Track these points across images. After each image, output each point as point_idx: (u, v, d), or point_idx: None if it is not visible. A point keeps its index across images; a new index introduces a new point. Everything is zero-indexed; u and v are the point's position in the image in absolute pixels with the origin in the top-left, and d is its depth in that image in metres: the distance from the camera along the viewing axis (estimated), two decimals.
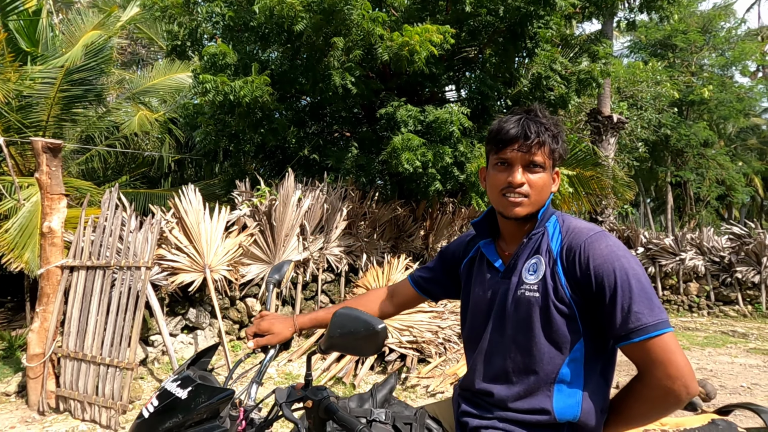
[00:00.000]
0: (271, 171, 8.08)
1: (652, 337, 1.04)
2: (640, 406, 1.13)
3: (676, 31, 18.25)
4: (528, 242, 1.23)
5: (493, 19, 6.00)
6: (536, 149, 1.18)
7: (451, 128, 5.73)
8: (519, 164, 1.19)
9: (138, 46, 14.56)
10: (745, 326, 8.44)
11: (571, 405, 1.15)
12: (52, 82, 6.38)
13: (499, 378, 1.22)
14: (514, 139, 1.18)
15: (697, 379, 3.98)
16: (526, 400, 1.17)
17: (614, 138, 11.52)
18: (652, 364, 1.06)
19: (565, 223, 1.22)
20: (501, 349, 1.23)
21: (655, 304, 1.07)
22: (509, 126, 1.19)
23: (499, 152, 1.22)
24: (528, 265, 1.21)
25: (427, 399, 4.30)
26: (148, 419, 1.16)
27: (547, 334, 1.15)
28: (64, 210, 3.98)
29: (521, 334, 1.18)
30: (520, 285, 1.20)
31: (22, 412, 3.88)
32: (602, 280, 1.09)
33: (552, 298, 1.14)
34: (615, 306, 1.07)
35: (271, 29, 5.97)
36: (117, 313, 3.82)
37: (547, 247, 1.20)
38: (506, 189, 1.20)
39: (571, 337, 1.14)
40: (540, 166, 1.20)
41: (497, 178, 1.22)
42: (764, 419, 1.30)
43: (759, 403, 1.43)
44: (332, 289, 6.51)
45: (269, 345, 1.42)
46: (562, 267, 1.15)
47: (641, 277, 1.09)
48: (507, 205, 1.21)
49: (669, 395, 1.06)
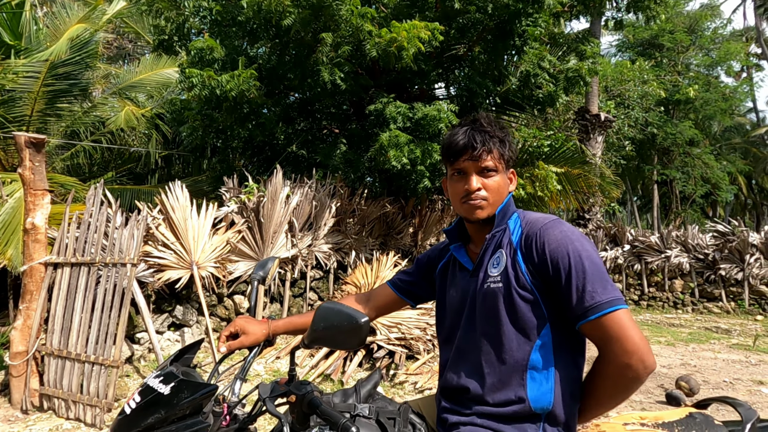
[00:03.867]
0: (260, 167, 8.04)
1: (606, 313, 1.09)
2: (604, 386, 1.17)
3: (663, 30, 18.46)
4: (491, 239, 1.30)
5: (482, 16, 6.02)
6: (486, 155, 1.26)
7: (440, 125, 5.75)
8: (472, 172, 1.28)
9: (125, 40, 14.38)
10: (728, 322, 8.58)
11: (544, 392, 1.18)
12: (36, 77, 6.28)
13: (474, 373, 1.25)
14: (463, 149, 1.27)
15: (680, 375, 4.01)
16: (501, 392, 1.20)
17: (602, 136, 11.64)
18: (609, 340, 1.10)
19: (525, 218, 1.29)
20: (473, 344, 1.27)
21: (608, 283, 1.12)
22: (458, 138, 1.28)
23: (453, 164, 1.30)
24: (492, 260, 1.27)
25: (415, 395, 4.32)
26: (130, 415, 1.15)
27: (513, 321, 1.19)
28: (47, 206, 3.92)
29: (489, 325, 1.23)
30: (485, 279, 1.25)
31: (5, 411, 3.82)
32: (557, 262, 1.14)
33: (514, 285, 1.19)
34: (570, 286, 1.12)
35: (259, 24, 5.93)
36: (102, 310, 3.77)
37: (509, 240, 1.26)
38: (465, 197, 1.29)
39: (537, 323, 1.18)
40: (492, 170, 1.28)
41: (456, 187, 1.31)
42: (740, 412, 1.33)
43: (740, 398, 1.46)
44: (321, 286, 6.50)
45: (241, 348, 1.41)
46: (522, 255, 1.21)
47: (594, 258, 1.14)
48: (468, 209, 1.29)
49: (627, 370, 1.10)
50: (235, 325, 1.42)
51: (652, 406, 4.26)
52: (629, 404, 4.32)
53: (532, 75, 6.66)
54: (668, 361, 5.88)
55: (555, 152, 7.79)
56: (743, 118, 25.59)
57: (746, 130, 24.43)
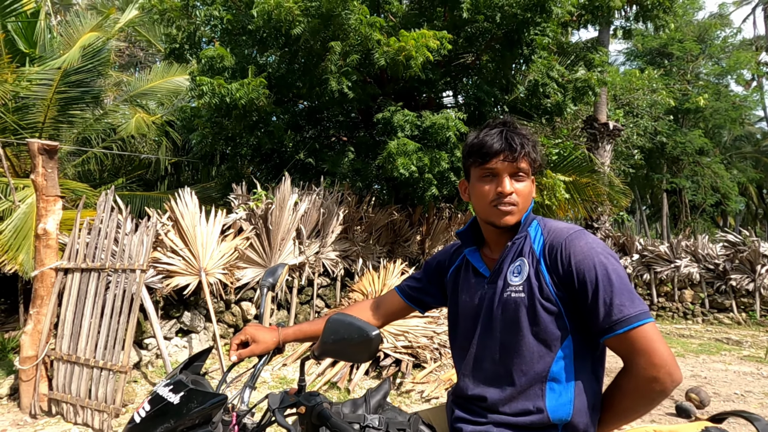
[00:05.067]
0: (268, 175, 8.07)
1: (634, 327, 1.08)
2: (628, 399, 1.15)
3: (672, 39, 18.40)
4: (512, 246, 1.26)
5: (490, 25, 6.03)
6: (522, 158, 1.23)
7: (448, 134, 5.76)
8: (506, 174, 1.23)
9: (136, 48, 14.56)
10: (739, 333, 8.47)
11: (563, 403, 1.16)
12: (50, 84, 6.37)
13: (491, 381, 1.23)
14: (500, 151, 1.22)
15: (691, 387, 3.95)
16: (519, 402, 1.18)
17: (610, 145, 11.58)
18: (636, 354, 1.09)
19: (546, 226, 1.27)
20: (490, 352, 1.24)
21: (635, 297, 1.11)
22: (493, 139, 1.23)
23: (483, 164, 1.25)
24: (512, 267, 1.24)
25: (422, 404, 4.29)
26: (139, 424, 1.15)
27: (535, 333, 1.17)
28: (59, 212, 3.96)
29: (510, 335, 1.20)
30: (505, 288, 1.22)
31: (14, 415, 3.84)
32: (584, 276, 1.13)
33: (537, 296, 1.17)
34: (597, 300, 1.11)
35: (268, 33, 5.98)
36: (111, 315, 3.79)
37: (530, 249, 1.23)
38: (496, 200, 1.24)
39: (559, 335, 1.17)
40: (524, 174, 1.25)
41: (485, 190, 1.26)
42: (757, 426, 1.30)
43: (752, 411, 1.44)
44: (328, 293, 6.50)
45: (252, 356, 1.41)
46: (546, 265, 1.19)
47: (620, 272, 1.13)
48: (498, 214, 1.24)
49: (654, 383, 1.08)
50: (245, 333, 1.42)
51: (661, 418, 4.20)
52: None
53: (540, 84, 6.65)
54: None
55: (563, 161, 7.77)
56: (754, 128, 25.37)
57: (757, 139, 24.22)
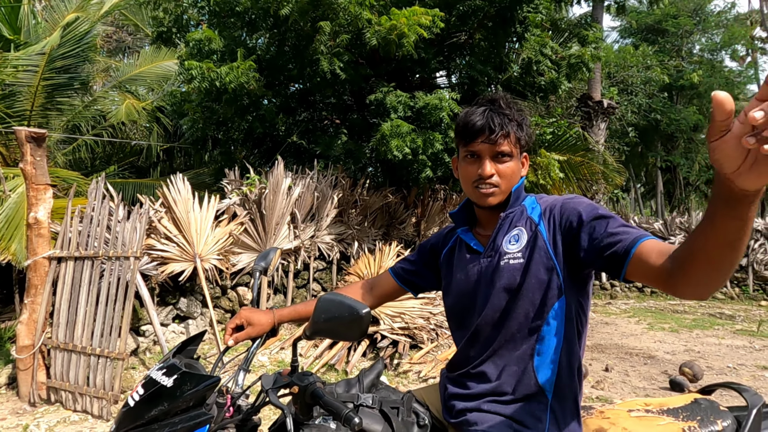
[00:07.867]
0: (261, 159, 8.02)
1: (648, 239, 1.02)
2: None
3: (666, 15, 18.22)
4: (505, 218, 1.28)
5: (483, 2, 5.95)
6: (502, 140, 1.22)
7: (441, 114, 5.70)
8: (487, 156, 1.23)
9: (124, 33, 14.30)
10: (732, 308, 8.58)
11: (550, 368, 1.18)
12: (35, 70, 6.26)
13: (485, 356, 1.24)
14: (480, 131, 1.21)
15: (684, 361, 4.00)
16: (509, 372, 1.20)
17: (605, 123, 11.54)
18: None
19: (542, 198, 1.29)
20: (487, 324, 1.24)
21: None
22: (475, 119, 1.22)
23: (467, 145, 1.25)
24: (508, 237, 1.24)
25: (419, 384, 4.34)
26: (133, 407, 1.15)
27: (530, 295, 1.18)
28: (50, 200, 3.93)
29: (503, 301, 1.21)
30: (503, 256, 1.22)
31: (13, 404, 3.86)
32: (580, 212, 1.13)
33: (536, 260, 1.18)
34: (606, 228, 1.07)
35: (256, 14, 5.88)
36: (106, 303, 3.79)
37: (527, 218, 1.24)
38: (478, 181, 1.25)
39: (553, 294, 1.17)
40: (507, 155, 1.24)
41: (468, 170, 1.27)
42: (745, 397, 1.32)
43: (743, 383, 1.46)
44: (324, 277, 6.51)
45: (248, 339, 1.42)
46: (545, 226, 1.20)
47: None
48: (480, 195, 1.26)
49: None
50: (240, 316, 1.42)
51: (656, 392, 4.27)
52: (633, 390, 4.33)
53: (534, 62, 6.58)
54: (672, 348, 5.88)
55: (557, 140, 7.74)
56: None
57: None
